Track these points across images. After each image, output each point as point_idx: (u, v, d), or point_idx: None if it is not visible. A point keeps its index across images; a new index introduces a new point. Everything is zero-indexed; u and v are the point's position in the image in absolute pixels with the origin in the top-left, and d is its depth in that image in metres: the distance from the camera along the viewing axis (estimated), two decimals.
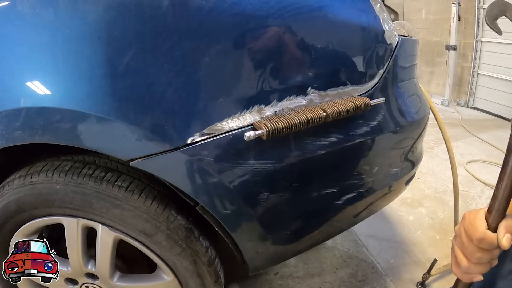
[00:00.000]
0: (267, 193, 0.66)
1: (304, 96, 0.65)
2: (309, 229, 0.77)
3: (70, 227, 0.72)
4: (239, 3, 0.59)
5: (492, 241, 0.42)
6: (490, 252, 0.43)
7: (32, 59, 0.57)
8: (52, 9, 0.57)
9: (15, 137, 0.61)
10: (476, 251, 0.43)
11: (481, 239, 0.42)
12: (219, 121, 0.59)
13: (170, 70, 0.57)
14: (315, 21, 0.65)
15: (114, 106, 0.57)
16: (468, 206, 1.81)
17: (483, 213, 0.45)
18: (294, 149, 0.66)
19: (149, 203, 0.67)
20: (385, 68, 0.76)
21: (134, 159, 0.59)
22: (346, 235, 1.50)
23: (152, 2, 0.56)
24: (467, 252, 0.44)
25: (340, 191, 0.76)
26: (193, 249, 0.72)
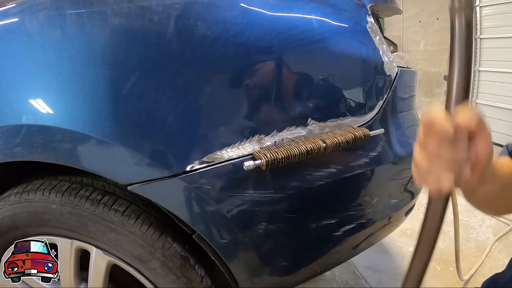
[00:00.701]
0: (265, 223, 0.65)
1: (304, 126, 0.65)
2: (307, 261, 0.75)
3: (63, 248, 0.71)
4: (241, 34, 0.60)
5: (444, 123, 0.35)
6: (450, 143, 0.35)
7: (37, 77, 0.59)
8: (60, 29, 0.59)
9: (14, 153, 0.61)
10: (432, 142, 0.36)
11: (432, 122, 0.36)
12: (219, 150, 0.59)
13: (172, 97, 0.57)
14: (315, 53, 0.67)
15: (115, 129, 0.57)
16: (468, 236, 1.79)
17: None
18: (293, 179, 0.65)
19: (145, 229, 0.67)
20: (385, 99, 0.77)
21: (132, 184, 0.59)
22: (345, 267, 1.47)
23: (158, 29, 0.58)
24: (425, 148, 0.37)
25: (339, 222, 0.75)
26: (188, 277, 0.70)
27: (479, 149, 0.36)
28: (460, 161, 0.36)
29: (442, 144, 0.35)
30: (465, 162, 0.36)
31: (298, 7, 0.67)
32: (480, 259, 1.58)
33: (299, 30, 0.65)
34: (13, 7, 0.64)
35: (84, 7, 0.59)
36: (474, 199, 0.48)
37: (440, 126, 0.35)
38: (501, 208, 0.54)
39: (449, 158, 0.35)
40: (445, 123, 0.35)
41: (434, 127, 0.35)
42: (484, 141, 0.36)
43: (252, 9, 0.62)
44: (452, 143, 0.35)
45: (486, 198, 0.48)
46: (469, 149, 0.36)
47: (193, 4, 0.60)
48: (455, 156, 0.35)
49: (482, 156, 0.36)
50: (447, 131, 0.35)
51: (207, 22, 0.59)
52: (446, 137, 0.35)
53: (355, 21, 0.73)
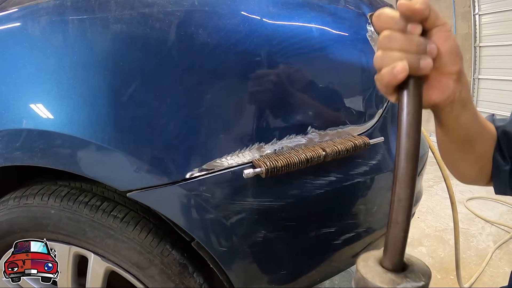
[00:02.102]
0: (264, 231, 0.65)
1: (304, 135, 0.65)
2: (306, 269, 0.75)
3: (61, 254, 0.71)
4: (242, 42, 0.60)
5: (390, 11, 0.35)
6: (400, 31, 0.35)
7: (38, 82, 0.59)
8: (61, 35, 0.59)
9: (14, 157, 0.61)
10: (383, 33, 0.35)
11: (379, 13, 0.36)
12: (218, 158, 0.59)
13: (172, 104, 0.58)
14: (316, 61, 0.67)
15: (115, 136, 0.57)
16: (469, 244, 1.78)
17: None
18: (293, 187, 0.65)
19: (144, 235, 0.66)
20: (384, 107, 0.77)
21: (131, 190, 0.59)
22: (344, 275, 1.46)
23: (159, 36, 0.58)
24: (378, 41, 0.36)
25: (338, 231, 0.74)
26: (187, 285, 0.70)
27: (438, 43, 0.35)
28: (415, 51, 0.34)
29: (392, 32, 0.35)
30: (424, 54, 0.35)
31: (299, 15, 0.67)
32: (480, 267, 1.57)
33: (299, 38, 0.65)
34: (16, 11, 0.64)
35: (86, 13, 0.60)
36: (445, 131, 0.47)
37: (386, 13, 0.35)
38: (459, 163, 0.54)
39: (400, 46, 0.34)
40: (391, 11, 0.35)
41: (381, 16, 0.36)
42: (442, 35, 0.35)
43: (252, 17, 0.63)
44: (402, 31, 0.34)
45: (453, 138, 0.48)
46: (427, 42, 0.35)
47: (194, 12, 0.61)
48: (406, 43, 0.34)
49: (444, 52, 0.36)
50: (393, 16, 0.35)
51: (208, 29, 0.59)
52: (393, 22, 0.35)
53: (355, 29, 0.73)
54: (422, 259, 1.13)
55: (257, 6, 0.64)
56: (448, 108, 0.41)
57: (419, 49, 0.34)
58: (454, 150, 0.51)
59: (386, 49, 0.35)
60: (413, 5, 0.33)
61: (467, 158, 0.52)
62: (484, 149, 0.51)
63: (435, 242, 1.78)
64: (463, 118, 0.43)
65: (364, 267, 0.36)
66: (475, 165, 0.53)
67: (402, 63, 0.33)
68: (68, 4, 0.61)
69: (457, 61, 0.37)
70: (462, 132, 0.46)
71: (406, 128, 0.35)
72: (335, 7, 0.73)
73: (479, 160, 0.52)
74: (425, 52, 0.35)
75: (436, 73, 0.37)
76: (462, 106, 0.42)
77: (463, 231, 1.86)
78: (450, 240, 1.77)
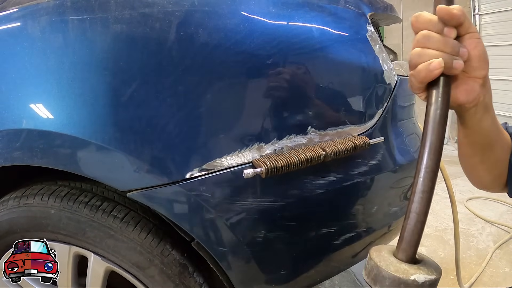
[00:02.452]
0: (264, 231, 0.65)
1: (304, 135, 0.65)
2: (306, 269, 0.75)
3: (61, 254, 0.71)
4: (242, 42, 0.60)
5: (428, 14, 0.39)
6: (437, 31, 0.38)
7: (38, 82, 0.59)
8: (61, 35, 0.59)
9: (14, 157, 0.61)
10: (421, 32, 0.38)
11: (418, 15, 0.39)
12: (218, 158, 0.59)
13: (173, 104, 0.58)
14: (316, 62, 0.67)
15: (115, 136, 0.57)
16: (469, 244, 1.78)
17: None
18: (293, 187, 0.65)
19: (144, 235, 0.66)
20: (384, 107, 0.77)
21: (131, 190, 0.59)
22: (344, 275, 1.46)
23: (159, 36, 0.58)
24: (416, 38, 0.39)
25: (338, 231, 0.74)
26: (187, 285, 0.69)
27: (470, 48, 0.38)
28: (450, 51, 0.37)
29: (430, 32, 0.38)
30: (457, 55, 0.38)
31: (299, 15, 0.67)
32: (480, 267, 1.57)
33: (299, 38, 0.65)
34: (16, 11, 0.64)
35: (86, 13, 0.60)
36: (466, 133, 0.49)
37: (425, 16, 0.38)
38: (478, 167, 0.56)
39: (437, 46, 0.37)
40: (430, 14, 0.38)
41: (420, 18, 0.38)
42: (474, 41, 0.39)
43: (253, 18, 0.63)
44: (439, 33, 0.38)
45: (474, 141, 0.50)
46: (460, 45, 0.38)
47: (194, 12, 0.60)
48: (443, 44, 0.37)
49: (474, 56, 0.39)
50: (432, 18, 0.38)
51: (208, 29, 0.59)
52: (432, 24, 0.38)
53: (355, 29, 0.73)
54: None
55: (257, 6, 0.64)
56: (472, 110, 0.44)
57: (453, 50, 0.37)
58: (474, 154, 0.53)
59: (424, 47, 0.38)
60: (452, 10, 0.36)
61: (486, 162, 0.54)
62: (502, 154, 0.53)
63: (435, 242, 1.78)
64: (484, 122, 0.46)
65: (378, 256, 0.36)
66: (492, 170, 0.54)
67: (438, 60, 0.36)
68: (68, 4, 0.61)
69: (484, 66, 0.40)
70: (483, 135, 0.48)
71: (432, 123, 0.37)
72: (335, 7, 0.73)
73: (496, 164, 0.54)
74: (458, 54, 0.38)
75: (464, 76, 0.40)
76: (485, 110, 0.44)
77: (463, 231, 1.86)
78: (450, 240, 1.77)
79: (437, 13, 0.37)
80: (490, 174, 0.55)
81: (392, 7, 0.92)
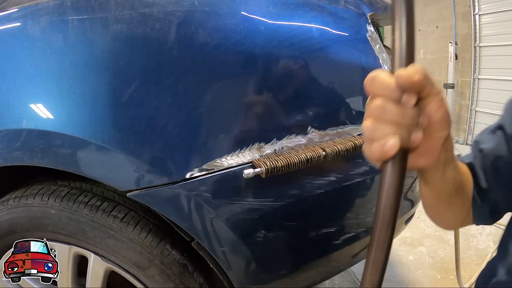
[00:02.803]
0: (264, 231, 0.65)
1: (304, 135, 0.65)
2: (306, 269, 0.75)
3: (61, 254, 0.71)
4: (242, 42, 0.61)
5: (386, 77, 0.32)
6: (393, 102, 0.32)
7: (38, 82, 0.59)
8: (61, 35, 0.59)
9: (14, 157, 0.61)
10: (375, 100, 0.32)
11: (373, 77, 0.32)
12: (218, 158, 0.59)
13: (172, 104, 0.58)
14: (316, 62, 0.67)
15: (115, 136, 0.57)
16: (469, 244, 1.78)
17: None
18: (293, 188, 0.65)
19: (144, 235, 0.66)
20: None
21: (131, 190, 0.59)
22: (344, 275, 1.46)
23: (159, 36, 0.58)
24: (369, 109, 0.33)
25: (338, 231, 0.74)
26: (187, 285, 0.69)
27: (431, 112, 0.33)
28: (408, 124, 0.32)
29: (385, 102, 0.32)
30: (415, 126, 0.32)
31: (299, 15, 0.67)
32: (480, 267, 1.57)
33: (299, 38, 0.65)
34: (16, 11, 0.64)
35: (86, 13, 0.60)
36: (430, 188, 0.46)
37: (381, 80, 0.32)
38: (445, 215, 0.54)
39: (393, 119, 0.31)
40: (387, 78, 0.32)
41: (375, 81, 0.32)
42: (435, 104, 0.33)
43: (253, 18, 0.63)
44: (396, 102, 0.31)
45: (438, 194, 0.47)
46: (419, 112, 0.33)
47: (194, 12, 0.61)
48: (400, 116, 0.31)
49: (435, 120, 0.34)
50: (389, 85, 0.31)
51: (208, 30, 0.59)
52: (388, 92, 0.31)
53: (355, 29, 0.73)
54: (422, 259, 1.13)
55: (257, 6, 0.64)
56: (434, 168, 0.41)
57: (411, 122, 0.32)
58: (440, 204, 0.50)
59: (377, 120, 0.32)
60: (413, 78, 0.30)
61: (452, 207, 0.51)
62: (467, 193, 0.51)
63: (435, 242, 1.78)
64: (447, 175, 0.43)
65: None
66: (460, 212, 0.53)
67: (394, 140, 0.31)
68: (68, 4, 0.61)
69: (446, 128, 0.36)
70: (447, 186, 0.45)
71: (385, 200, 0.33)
72: (335, 7, 0.73)
73: (463, 205, 0.52)
74: (417, 125, 0.33)
75: (424, 139, 0.34)
76: (447, 164, 0.41)
77: (463, 231, 1.86)
78: (450, 240, 1.77)
79: (396, 80, 0.31)
80: (458, 216, 0.53)
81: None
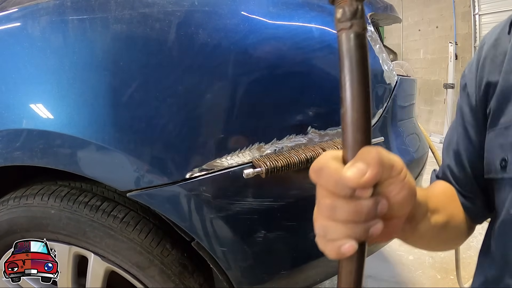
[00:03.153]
0: (264, 231, 0.65)
1: (304, 135, 0.65)
2: (306, 269, 0.75)
3: (61, 254, 0.71)
4: (242, 42, 0.61)
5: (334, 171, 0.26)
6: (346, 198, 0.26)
7: (38, 82, 0.59)
8: (61, 35, 0.60)
9: (14, 157, 0.61)
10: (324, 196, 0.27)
11: (319, 168, 0.26)
12: (218, 158, 0.59)
13: (172, 104, 0.58)
14: (316, 61, 0.67)
15: (115, 136, 0.57)
16: (469, 244, 1.78)
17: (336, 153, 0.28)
18: (293, 188, 0.65)
19: (144, 235, 0.66)
20: (384, 107, 0.77)
21: (132, 190, 0.59)
22: None
23: (159, 36, 0.58)
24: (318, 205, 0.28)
25: None
26: (187, 285, 0.69)
27: (391, 196, 0.28)
28: (365, 220, 0.26)
29: (335, 200, 0.26)
30: (373, 218, 0.27)
31: (299, 15, 0.67)
32: None
33: (299, 38, 0.65)
34: (16, 11, 0.64)
35: (86, 13, 0.60)
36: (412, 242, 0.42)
37: (329, 174, 0.26)
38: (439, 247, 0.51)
39: (347, 218, 0.26)
40: (335, 172, 0.26)
41: (323, 175, 0.26)
42: (396, 187, 0.28)
43: (253, 18, 0.63)
44: (348, 198, 0.26)
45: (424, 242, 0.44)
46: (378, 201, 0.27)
47: (194, 12, 0.61)
48: (354, 215, 0.26)
49: (396, 202, 0.28)
50: (338, 181, 0.25)
51: (208, 30, 0.59)
52: (338, 189, 0.26)
53: None
54: (422, 259, 1.13)
55: (257, 6, 0.64)
56: (400, 234, 0.36)
57: (368, 216, 0.26)
58: (427, 244, 0.47)
59: (329, 219, 0.27)
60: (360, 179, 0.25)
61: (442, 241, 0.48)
62: (459, 214, 0.48)
63: None
64: (424, 226, 0.38)
65: None
66: (454, 239, 0.49)
67: (350, 244, 0.26)
68: (68, 4, 0.61)
69: (408, 205, 0.30)
70: (429, 234, 0.41)
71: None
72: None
73: (459, 225, 0.48)
74: (376, 217, 0.27)
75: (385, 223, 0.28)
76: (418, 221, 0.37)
77: None
78: None
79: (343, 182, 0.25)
80: (453, 243, 0.50)
81: (392, 7, 0.92)
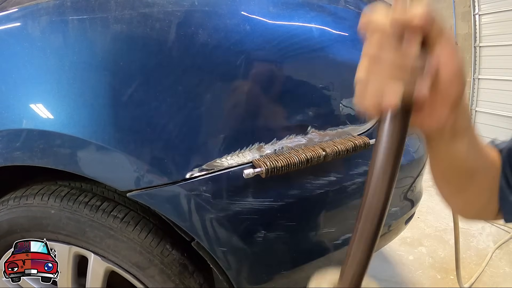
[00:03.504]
0: (264, 231, 0.65)
1: (304, 135, 0.65)
2: (306, 269, 0.75)
3: (61, 254, 0.71)
4: (242, 42, 0.60)
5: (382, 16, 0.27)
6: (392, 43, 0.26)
7: (38, 82, 0.59)
8: (61, 35, 0.59)
9: (14, 157, 0.61)
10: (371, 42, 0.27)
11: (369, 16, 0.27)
12: (218, 158, 0.59)
13: (172, 104, 0.58)
14: (316, 62, 0.67)
15: (115, 136, 0.57)
16: (469, 244, 1.78)
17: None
18: (293, 188, 0.65)
19: (144, 235, 0.66)
20: None
21: (132, 190, 0.59)
22: None
23: (159, 36, 0.58)
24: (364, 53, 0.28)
25: (338, 231, 0.74)
26: (187, 285, 0.69)
27: (440, 63, 0.27)
28: (410, 69, 0.26)
29: (383, 44, 0.26)
30: (420, 73, 0.26)
31: (299, 15, 0.67)
32: (480, 267, 1.57)
33: (299, 38, 0.65)
34: (16, 11, 0.64)
35: (86, 13, 0.60)
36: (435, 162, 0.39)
37: (379, 19, 0.27)
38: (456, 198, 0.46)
39: (391, 63, 0.26)
40: (383, 17, 0.27)
41: (371, 21, 0.27)
42: (446, 50, 0.27)
43: (252, 18, 0.63)
44: (396, 44, 0.26)
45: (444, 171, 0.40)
46: (426, 58, 0.27)
47: (194, 12, 0.60)
48: (400, 59, 0.26)
49: (445, 73, 0.27)
50: (384, 24, 0.26)
51: (208, 30, 0.59)
52: (386, 34, 0.26)
53: (355, 29, 0.73)
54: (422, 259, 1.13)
55: (257, 6, 0.64)
56: (437, 136, 0.34)
57: (414, 73, 0.26)
58: (447, 184, 0.43)
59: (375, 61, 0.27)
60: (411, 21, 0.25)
61: (465, 193, 0.43)
62: (487, 183, 0.42)
63: (435, 242, 1.78)
64: (457, 147, 0.35)
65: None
66: (476, 201, 0.44)
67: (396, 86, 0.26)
68: (68, 4, 0.61)
69: (458, 83, 0.29)
70: (455, 164, 0.38)
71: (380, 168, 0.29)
72: (335, 7, 0.73)
73: (480, 194, 0.43)
74: (422, 72, 0.27)
75: (431, 94, 0.28)
76: (457, 134, 0.34)
77: (463, 231, 1.86)
78: (450, 240, 1.77)
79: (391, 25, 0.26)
80: (473, 205, 0.45)
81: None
